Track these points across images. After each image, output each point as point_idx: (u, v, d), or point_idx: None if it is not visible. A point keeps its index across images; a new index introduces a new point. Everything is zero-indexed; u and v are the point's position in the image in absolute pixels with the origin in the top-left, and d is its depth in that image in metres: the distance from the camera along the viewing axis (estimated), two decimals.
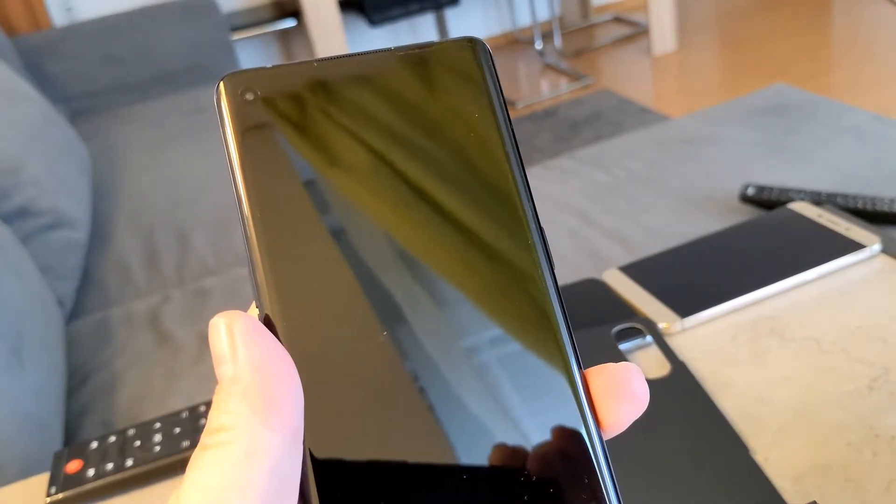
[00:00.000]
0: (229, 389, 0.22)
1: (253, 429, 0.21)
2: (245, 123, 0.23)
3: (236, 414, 0.21)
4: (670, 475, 0.48)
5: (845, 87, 2.71)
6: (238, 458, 0.21)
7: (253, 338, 0.22)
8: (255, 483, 0.21)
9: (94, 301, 1.43)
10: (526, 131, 2.83)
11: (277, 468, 0.21)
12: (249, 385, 0.22)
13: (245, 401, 0.21)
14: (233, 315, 0.22)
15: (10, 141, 1.42)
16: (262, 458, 0.21)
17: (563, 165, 1.54)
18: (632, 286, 0.65)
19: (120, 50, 2.36)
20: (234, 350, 0.22)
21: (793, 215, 0.69)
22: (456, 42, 0.26)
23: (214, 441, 0.21)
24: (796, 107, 1.55)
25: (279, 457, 0.21)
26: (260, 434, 0.21)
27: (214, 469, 0.21)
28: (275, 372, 0.22)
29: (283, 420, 0.22)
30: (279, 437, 0.21)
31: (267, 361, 0.22)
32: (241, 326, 0.22)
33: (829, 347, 0.56)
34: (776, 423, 0.51)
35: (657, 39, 3.24)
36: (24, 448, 0.91)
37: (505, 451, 0.22)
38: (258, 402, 0.21)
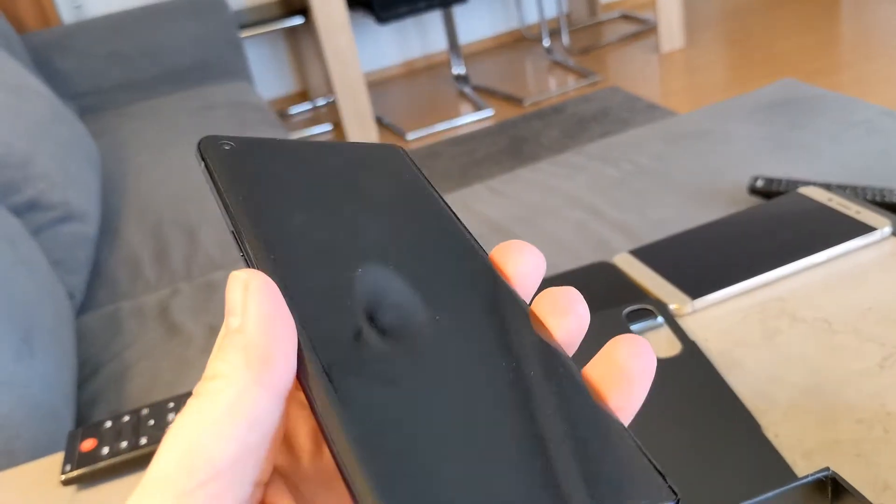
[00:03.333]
0: (232, 339, 0.22)
1: (243, 381, 0.22)
2: (226, 156, 0.28)
3: (231, 364, 0.22)
4: (682, 452, 0.48)
5: (854, 85, 2.71)
6: (223, 408, 0.21)
7: (265, 296, 0.23)
8: (234, 435, 0.21)
9: (105, 294, 1.44)
10: (533, 128, 2.83)
11: (258, 424, 0.22)
12: (251, 339, 0.22)
13: (243, 353, 0.22)
14: (252, 273, 0.23)
15: (21, 135, 1.42)
16: (246, 411, 0.21)
17: (570, 160, 1.54)
18: (642, 269, 0.65)
19: (128, 47, 2.36)
20: (246, 303, 0.22)
21: (803, 199, 0.69)
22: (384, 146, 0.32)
23: (205, 389, 0.22)
24: (805, 101, 1.55)
25: (262, 413, 0.22)
26: (248, 388, 0.22)
27: (199, 416, 0.21)
28: (277, 332, 0.22)
29: (274, 378, 0.22)
30: (266, 394, 0.22)
31: (272, 320, 0.22)
32: (257, 283, 0.23)
33: (840, 328, 0.56)
34: (787, 401, 0.51)
35: (665, 36, 3.24)
36: (34, 436, 0.92)
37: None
38: (254, 356, 0.22)
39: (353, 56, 2.91)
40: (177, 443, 0.21)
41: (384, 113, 3.24)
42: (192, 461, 0.21)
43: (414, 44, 3.67)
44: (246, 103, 2.20)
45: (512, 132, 2.84)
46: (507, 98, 3.17)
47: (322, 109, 3.46)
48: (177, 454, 0.21)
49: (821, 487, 0.37)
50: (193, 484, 0.20)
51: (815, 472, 0.37)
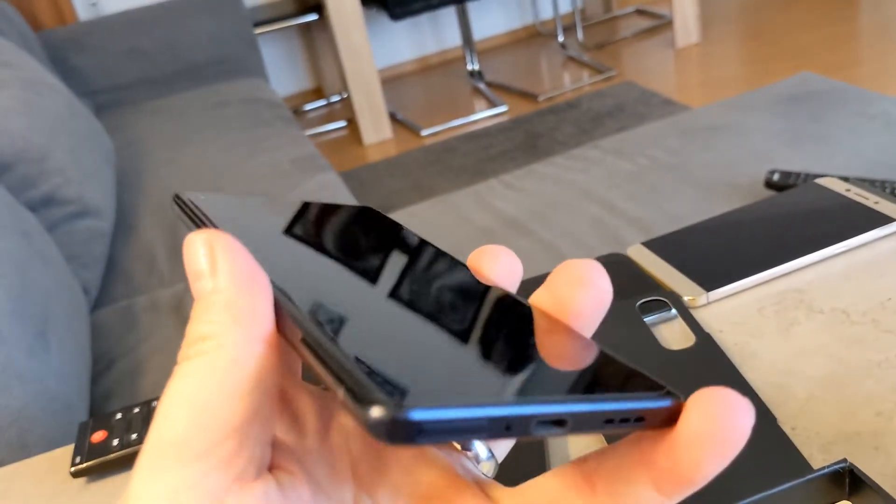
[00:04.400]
0: (210, 300, 0.22)
1: (237, 337, 0.21)
2: (206, 202, 0.30)
3: (219, 323, 0.21)
4: None
5: (871, 78, 2.68)
6: (224, 365, 0.21)
7: (233, 253, 0.22)
8: (243, 391, 0.21)
9: (119, 289, 1.44)
10: (548, 124, 2.82)
11: (262, 378, 0.21)
12: (232, 296, 0.21)
13: (227, 311, 0.21)
14: (213, 233, 0.22)
15: (37, 131, 1.43)
16: (248, 365, 0.21)
17: (586, 154, 1.53)
18: (656, 260, 0.65)
19: (144, 44, 2.37)
20: (214, 264, 0.22)
21: (820, 189, 0.68)
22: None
23: (197, 350, 0.21)
24: (822, 95, 1.53)
25: (264, 366, 0.21)
26: (244, 343, 0.21)
27: (200, 378, 0.21)
28: (256, 286, 0.22)
29: (265, 331, 0.21)
30: (262, 347, 0.21)
31: (248, 275, 0.22)
32: (221, 243, 0.22)
33: (858, 319, 0.55)
34: (804, 393, 0.50)
35: (680, 31, 3.22)
36: (49, 429, 0.92)
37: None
38: (240, 312, 0.21)
39: (367, 52, 2.90)
40: (182, 405, 0.20)
41: (398, 109, 3.24)
42: (204, 422, 0.20)
43: (428, 40, 3.66)
44: (261, 100, 2.20)
45: (526, 128, 2.83)
46: (521, 94, 3.16)
47: (336, 106, 3.46)
48: (185, 416, 0.20)
49: (838, 479, 0.37)
50: (207, 444, 0.20)
51: (832, 463, 0.36)
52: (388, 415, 0.17)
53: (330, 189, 1.66)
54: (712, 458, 0.19)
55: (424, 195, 2.50)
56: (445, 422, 0.18)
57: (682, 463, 0.20)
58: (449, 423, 0.18)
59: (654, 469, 0.20)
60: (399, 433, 0.17)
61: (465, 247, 1.31)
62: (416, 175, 2.69)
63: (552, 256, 1.25)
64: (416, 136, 3.02)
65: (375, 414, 0.17)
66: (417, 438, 0.17)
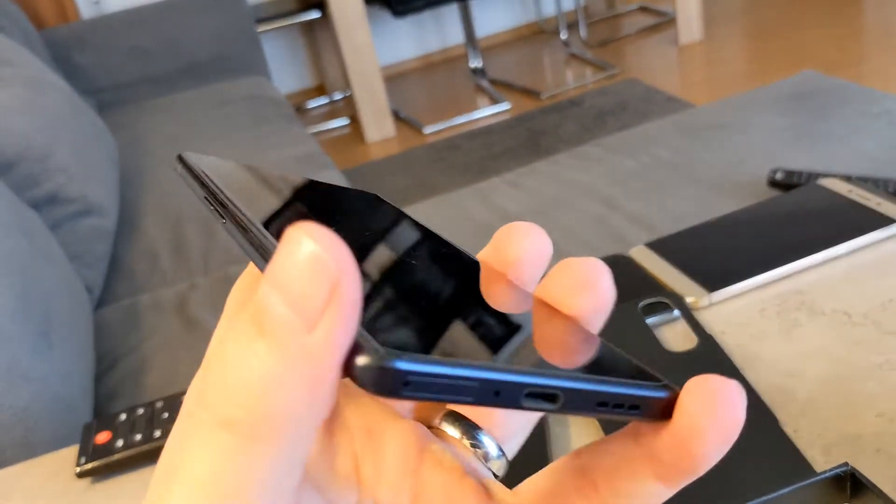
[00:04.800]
0: (294, 361, 0.17)
1: (305, 432, 0.18)
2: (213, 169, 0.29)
3: (288, 403, 0.17)
4: None
5: (875, 77, 2.68)
6: (261, 458, 0.18)
7: (351, 318, 0.17)
8: (275, 484, 0.18)
9: (123, 288, 1.45)
10: (551, 122, 2.82)
11: (302, 460, 0.19)
12: (322, 374, 0.17)
13: (311, 394, 0.17)
14: (342, 260, 0.17)
15: (40, 129, 1.43)
16: (301, 455, 0.18)
17: (588, 153, 1.53)
18: (658, 262, 0.65)
19: (147, 42, 2.37)
20: (323, 315, 0.17)
21: (822, 191, 0.68)
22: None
23: (245, 427, 0.17)
24: (826, 93, 1.53)
25: (306, 448, 0.19)
26: (310, 437, 0.18)
27: (225, 463, 0.18)
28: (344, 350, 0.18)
29: (328, 410, 0.18)
30: (314, 432, 0.19)
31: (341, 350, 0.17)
32: (349, 296, 0.17)
33: (859, 321, 0.55)
34: (805, 395, 0.50)
35: (683, 28, 3.21)
36: (53, 429, 0.92)
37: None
38: (322, 401, 0.18)
39: (369, 50, 2.90)
40: (198, 496, 0.18)
41: (401, 107, 3.24)
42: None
43: (431, 37, 3.66)
44: (263, 98, 2.20)
45: (529, 125, 2.83)
46: (524, 91, 3.16)
47: (339, 104, 3.46)
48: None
49: (840, 483, 0.37)
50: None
51: (834, 467, 0.36)
52: (374, 362, 0.17)
53: None
54: (715, 445, 0.19)
55: (427, 193, 2.51)
56: (432, 376, 0.17)
57: (685, 453, 0.20)
58: (435, 377, 0.17)
59: (657, 462, 0.20)
60: (384, 382, 0.17)
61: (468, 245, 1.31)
62: (418, 173, 2.69)
63: (555, 255, 1.24)
64: (419, 133, 3.02)
65: (362, 362, 0.17)
66: (403, 390, 0.17)
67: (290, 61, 3.47)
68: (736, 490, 0.42)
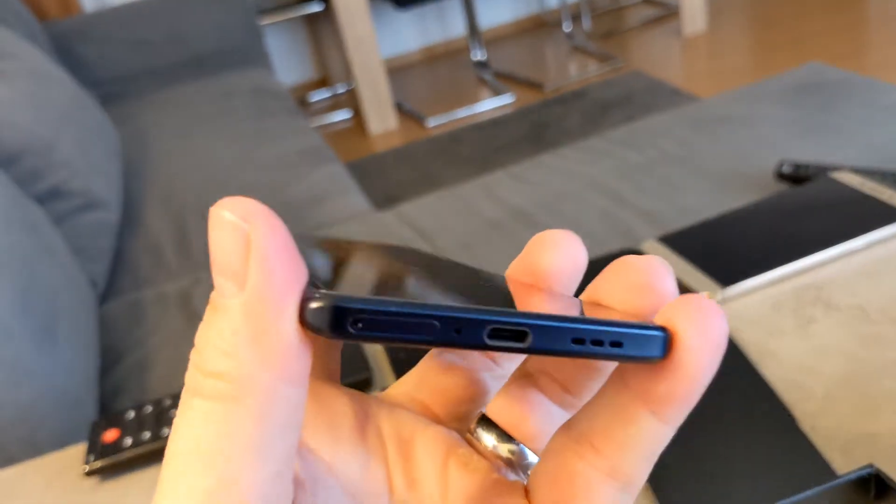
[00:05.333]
0: (234, 322, 0.17)
1: (266, 385, 0.18)
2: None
3: (243, 362, 0.17)
4: (713, 446, 0.47)
5: (880, 68, 2.66)
6: (248, 420, 0.18)
7: (276, 260, 0.17)
8: (272, 447, 0.18)
9: (127, 282, 1.44)
10: (554, 114, 2.81)
11: (292, 422, 0.18)
12: (264, 325, 0.17)
13: (256, 346, 0.17)
14: (252, 213, 0.17)
15: (43, 123, 1.43)
16: (279, 416, 0.18)
17: (594, 146, 1.52)
18: (670, 256, 0.64)
19: (149, 35, 2.36)
20: (246, 265, 0.17)
21: (836, 184, 0.68)
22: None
23: (212, 390, 0.18)
24: (832, 85, 1.52)
25: (294, 409, 0.18)
26: (273, 391, 0.18)
27: (218, 431, 0.18)
28: (294, 300, 0.18)
29: (301, 367, 0.18)
30: (295, 389, 0.18)
31: (288, 285, 0.17)
32: (262, 239, 0.17)
33: (876, 317, 0.55)
34: (822, 392, 0.50)
35: (687, 20, 3.20)
36: (58, 425, 0.92)
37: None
38: (272, 350, 0.18)
39: (372, 42, 2.89)
40: (198, 467, 0.18)
41: (404, 99, 3.23)
42: (227, 491, 0.18)
43: (433, 29, 3.65)
44: (266, 90, 2.20)
45: (533, 118, 2.82)
46: (527, 83, 3.15)
47: (342, 96, 3.45)
48: (204, 485, 0.17)
49: (863, 485, 0.36)
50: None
51: (858, 469, 0.35)
52: (325, 303, 0.17)
53: (337, 181, 1.66)
54: (708, 365, 0.19)
55: (431, 186, 2.50)
56: (385, 314, 0.18)
57: (679, 375, 0.19)
58: (389, 315, 0.18)
59: (651, 399, 0.20)
60: (336, 322, 0.17)
61: (473, 239, 1.31)
62: (422, 166, 2.69)
63: None
64: (422, 126, 3.01)
65: (313, 305, 0.17)
66: (355, 329, 0.17)
67: (293, 54, 3.45)
68: (753, 490, 0.42)
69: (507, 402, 0.25)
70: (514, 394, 0.25)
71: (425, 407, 0.25)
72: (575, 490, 0.21)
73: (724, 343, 0.19)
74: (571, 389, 0.24)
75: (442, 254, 1.26)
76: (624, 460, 0.20)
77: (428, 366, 0.26)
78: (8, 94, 1.43)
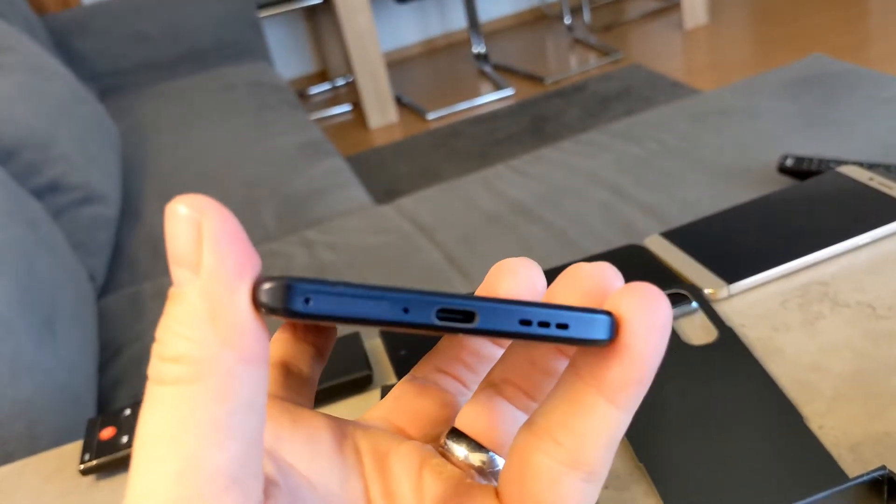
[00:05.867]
0: (190, 305, 0.18)
1: (225, 364, 0.18)
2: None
3: (201, 343, 0.18)
4: (719, 446, 0.46)
5: (882, 60, 2.65)
6: (210, 400, 0.18)
7: (227, 244, 0.18)
8: (235, 428, 0.18)
9: (126, 276, 1.43)
10: (554, 107, 2.80)
11: (254, 402, 0.18)
12: (219, 305, 0.18)
13: (213, 326, 0.18)
14: (203, 206, 0.18)
15: (41, 117, 1.42)
16: (239, 395, 0.18)
17: (594, 139, 1.51)
18: (675, 252, 0.63)
19: (148, 28, 2.35)
20: (199, 250, 0.18)
21: (842, 178, 0.67)
22: None
23: (174, 375, 0.18)
24: (835, 77, 1.51)
25: (255, 389, 0.18)
26: (233, 369, 0.18)
27: (182, 415, 0.18)
28: (245, 283, 0.18)
29: (259, 347, 0.18)
30: (255, 368, 0.18)
31: (241, 268, 0.18)
32: (213, 226, 0.18)
33: (884, 313, 0.54)
34: (831, 391, 0.49)
35: (688, 13, 3.19)
36: (57, 420, 0.91)
37: None
38: (230, 329, 0.18)
39: (372, 35, 2.88)
40: (165, 452, 0.18)
41: (404, 92, 3.22)
42: (195, 474, 0.18)
43: (433, 22, 3.63)
44: (265, 84, 2.18)
45: (533, 111, 2.81)
46: (527, 77, 3.14)
47: (341, 89, 3.44)
48: (172, 469, 0.18)
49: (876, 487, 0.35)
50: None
51: (871, 471, 0.35)
52: (276, 284, 0.18)
53: (337, 174, 1.65)
54: (655, 346, 0.20)
55: (431, 179, 2.49)
56: (334, 294, 0.18)
57: (628, 361, 0.20)
58: (338, 294, 0.18)
59: (605, 386, 0.20)
60: (286, 301, 0.18)
61: (473, 233, 1.30)
62: (422, 159, 2.68)
63: (562, 243, 1.24)
64: (422, 119, 3.00)
65: (265, 286, 0.18)
66: (305, 308, 0.18)
67: (293, 47, 3.44)
68: (760, 491, 0.41)
69: (474, 412, 0.25)
70: (481, 403, 0.25)
71: (400, 429, 0.27)
72: (541, 484, 0.21)
73: (668, 325, 0.20)
74: (535, 396, 0.25)
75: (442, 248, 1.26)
76: (584, 450, 0.21)
77: (402, 390, 0.27)
78: (6, 88, 1.42)
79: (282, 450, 0.23)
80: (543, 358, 0.24)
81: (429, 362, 0.28)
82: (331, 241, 1.32)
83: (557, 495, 0.21)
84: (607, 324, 0.20)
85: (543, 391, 0.25)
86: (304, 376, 0.26)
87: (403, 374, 0.58)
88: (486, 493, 0.24)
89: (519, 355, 0.25)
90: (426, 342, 0.57)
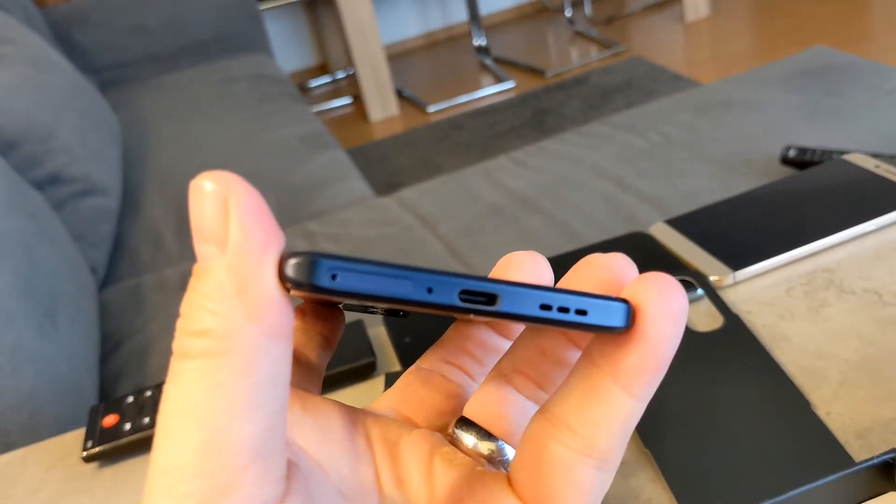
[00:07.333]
0: (216, 280, 0.18)
1: (251, 339, 0.18)
2: None
3: (227, 317, 0.18)
4: (726, 432, 0.46)
5: (884, 52, 2.65)
6: (236, 373, 0.18)
7: (254, 219, 0.18)
8: (261, 401, 0.18)
9: (127, 268, 1.43)
10: (555, 100, 2.79)
11: (279, 376, 0.18)
12: (246, 279, 0.18)
13: (240, 300, 0.18)
14: (229, 181, 0.18)
15: (42, 108, 1.41)
16: (266, 369, 0.18)
17: (596, 131, 1.51)
18: (680, 239, 0.63)
19: (149, 20, 2.35)
20: (226, 226, 0.18)
21: (848, 166, 0.67)
22: None
23: (200, 348, 0.18)
24: (837, 69, 1.51)
25: (280, 363, 0.18)
26: (258, 343, 0.18)
27: (207, 387, 0.18)
28: (271, 259, 0.18)
29: (284, 321, 0.18)
30: (280, 342, 0.18)
31: (267, 244, 0.18)
32: (240, 202, 0.18)
33: (890, 299, 0.54)
34: (837, 378, 0.49)
35: (689, 5, 3.18)
36: (59, 410, 0.91)
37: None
38: (256, 303, 0.18)
39: (373, 28, 2.87)
40: (190, 423, 0.18)
41: (405, 85, 3.21)
42: (220, 446, 0.18)
43: (434, 15, 3.62)
44: (266, 76, 2.18)
45: (534, 104, 2.81)
46: (528, 69, 3.13)
47: (342, 82, 3.43)
48: (196, 440, 0.17)
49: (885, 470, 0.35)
50: (228, 476, 0.18)
51: (880, 454, 0.34)
52: (302, 260, 0.18)
53: (338, 167, 1.64)
54: (671, 335, 0.20)
55: (432, 172, 2.49)
56: (360, 272, 0.18)
57: (644, 349, 0.20)
58: (364, 272, 0.19)
59: (620, 374, 0.20)
60: (312, 277, 0.18)
61: (475, 224, 1.29)
62: (423, 152, 2.67)
63: (565, 235, 1.23)
64: (423, 112, 3.00)
65: (292, 262, 0.18)
66: (331, 284, 0.18)
67: (293, 40, 3.43)
68: (767, 477, 0.41)
69: (484, 402, 0.25)
70: (490, 393, 0.25)
71: (407, 419, 0.27)
72: (555, 472, 0.22)
73: (684, 314, 0.20)
74: (545, 386, 0.25)
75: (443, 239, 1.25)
76: (598, 438, 0.21)
77: (408, 380, 0.27)
78: (7, 80, 1.42)
79: (293, 435, 0.23)
80: (554, 347, 0.24)
81: (435, 353, 0.28)
82: (332, 232, 1.32)
83: (571, 482, 0.21)
84: (625, 311, 0.20)
85: (554, 381, 0.25)
86: (311, 365, 0.26)
87: (407, 361, 0.58)
88: (497, 481, 0.24)
89: (530, 345, 0.25)
90: (429, 331, 0.57)
